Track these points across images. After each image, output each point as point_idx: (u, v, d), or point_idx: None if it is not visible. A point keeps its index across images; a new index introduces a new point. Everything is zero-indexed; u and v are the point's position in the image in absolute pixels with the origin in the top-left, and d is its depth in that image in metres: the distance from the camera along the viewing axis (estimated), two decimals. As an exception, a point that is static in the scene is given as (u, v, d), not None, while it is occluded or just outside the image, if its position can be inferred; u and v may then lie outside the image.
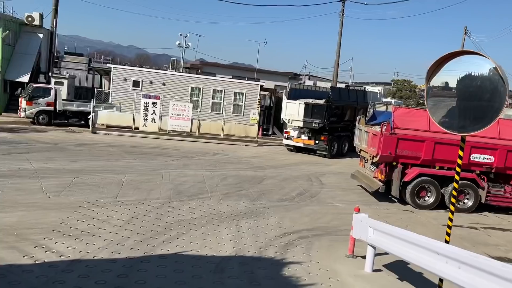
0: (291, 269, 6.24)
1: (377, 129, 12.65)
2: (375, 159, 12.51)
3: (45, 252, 6.06)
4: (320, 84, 59.41)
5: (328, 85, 53.96)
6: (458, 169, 5.87)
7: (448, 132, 5.60)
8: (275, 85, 42.13)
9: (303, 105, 20.10)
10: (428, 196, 12.44)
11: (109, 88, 26.41)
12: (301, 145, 20.75)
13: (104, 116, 21.61)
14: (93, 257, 6.02)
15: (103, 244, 6.61)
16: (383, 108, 15.34)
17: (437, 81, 5.63)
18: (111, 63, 35.81)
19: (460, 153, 5.76)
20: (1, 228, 6.92)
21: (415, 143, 12.02)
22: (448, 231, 5.64)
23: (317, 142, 20.16)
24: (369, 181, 13.17)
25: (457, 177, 5.99)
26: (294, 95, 21.18)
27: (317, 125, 19.58)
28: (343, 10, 30.87)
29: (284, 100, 21.01)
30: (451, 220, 5.84)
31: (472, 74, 4.92)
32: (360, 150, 14.12)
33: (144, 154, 16.39)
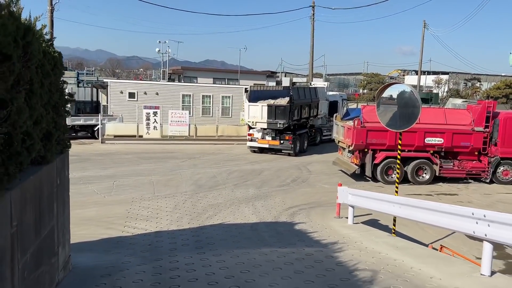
0: (299, 226, 9.31)
1: (350, 123, 15.82)
2: (351, 148, 15.71)
3: (133, 229, 8.94)
4: (296, 79, 62.74)
5: (303, 80, 57.27)
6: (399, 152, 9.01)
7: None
8: (254, 84, 45.18)
9: (266, 107, 20.33)
10: (394, 174, 15.70)
11: (107, 101, 28.88)
12: (266, 146, 20.95)
13: (111, 128, 24.20)
14: (167, 229, 8.93)
15: (167, 222, 9.52)
16: (354, 106, 18.57)
17: (385, 94, 8.77)
18: (85, 71, 37.81)
19: (400, 141, 8.87)
20: (89, 218, 9.73)
21: (381, 133, 15.18)
22: (396, 190, 8.78)
23: (282, 142, 20.48)
24: (347, 166, 16.37)
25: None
26: (254, 97, 21.33)
27: (282, 126, 19.90)
28: (313, 15, 34.04)
29: (246, 103, 21.30)
30: (397, 188, 8.99)
31: (403, 92, 8.07)
32: (338, 141, 17.29)
33: (156, 158, 19.17)
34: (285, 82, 58.32)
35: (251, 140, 21.38)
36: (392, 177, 15.63)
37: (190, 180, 14.67)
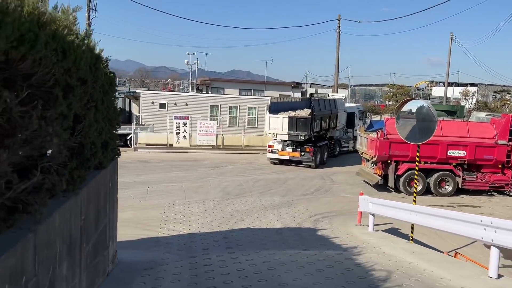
0: (321, 232, 9.88)
1: (374, 135, 16.28)
2: (374, 159, 16.15)
3: (168, 230, 9.72)
4: (321, 90, 63.17)
5: (329, 91, 57.66)
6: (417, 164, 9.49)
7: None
8: (279, 95, 45.90)
9: (287, 119, 20.21)
10: (417, 185, 16.00)
11: (139, 111, 30.19)
12: (287, 157, 20.88)
13: (143, 136, 25.35)
14: (199, 231, 9.67)
15: (199, 225, 10.26)
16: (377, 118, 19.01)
17: (404, 109, 9.31)
18: (116, 81, 39.28)
19: (418, 154, 9.35)
20: (127, 220, 10.57)
21: (404, 145, 15.49)
22: (414, 200, 9.24)
23: (303, 154, 20.38)
24: (370, 176, 16.80)
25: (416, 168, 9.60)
26: (274, 108, 21.22)
27: (303, 138, 19.76)
28: (339, 27, 34.63)
29: (266, 115, 21.09)
30: (415, 197, 9.46)
31: (421, 107, 8.60)
32: (362, 152, 17.74)
33: (186, 166, 20.07)
34: (310, 92, 58.85)
35: (271, 152, 21.33)
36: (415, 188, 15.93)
37: (218, 187, 15.43)
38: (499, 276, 5.79)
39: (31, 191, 3.12)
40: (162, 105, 29.54)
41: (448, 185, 16.08)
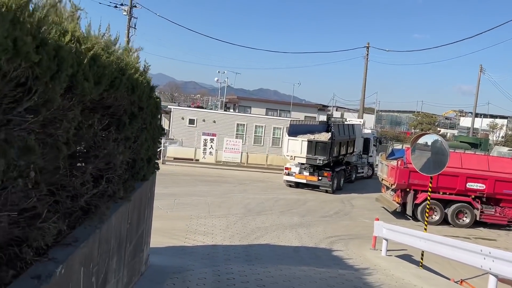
0: (336, 252, 10.44)
1: (394, 163, 16.75)
2: (393, 186, 16.59)
3: (193, 241, 10.49)
4: (347, 115, 63.55)
5: (355, 115, 57.97)
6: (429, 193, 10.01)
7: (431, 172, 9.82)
8: (305, 116, 46.54)
9: (306, 142, 20.01)
10: (435, 215, 16.35)
11: (169, 126, 31.46)
12: (304, 181, 20.60)
13: (172, 150, 26.48)
14: (222, 244, 10.40)
15: (221, 238, 11.00)
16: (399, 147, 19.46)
17: (420, 141, 9.90)
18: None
19: (430, 184, 9.87)
20: (155, 229, 11.34)
21: (423, 174, 16.00)
22: (425, 228, 9.73)
23: (320, 178, 20.14)
24: (389, 203, 17.20)
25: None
26: (293, 131, 20.89)
27: (321, 162, 19.55)
28: (367, 55, 35.34)
29: (286, 137, 20.95)
30: (426, 226, 9.95)
31: (436, 140, 9.19)
32: (382, 179, 18.19)
33: (211, 181, 20.93)
34: (336, 116, 59.34)
35: (288, 174, 21.03)
36: (432, 217, 16.26)
37: (240, 204, 16.16)
38: (497, 303, 6.27)
39: (99, 196, 3.97)
40: (191, 121, 30.73)
41: (466, 217, 16.31)
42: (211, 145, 26.37)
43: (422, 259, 9.42)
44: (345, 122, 25.29)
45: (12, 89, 1.83)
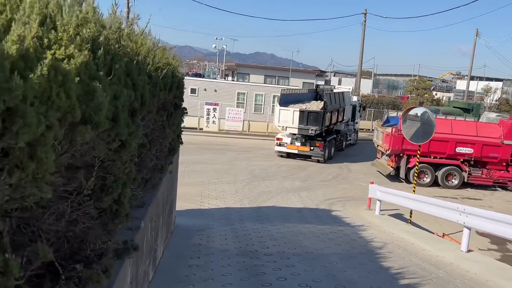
0: (335, 212, 11.78)
1: (389, 130, 17.91)
2: (388, 152, 17.83)
3: (208, 204, 11.78)
4: (344, 80, 64.08)
5: (352, 81, 58.55)
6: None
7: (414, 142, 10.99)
8: (303, 83, 47.25)
9: (298, 112, 19.67)
10: (426, 177, 17.69)
11: (171, 95, 32.33)
12: (296, 151, 20.50)
13: (176, 120, 27.51)
14: (234, 206, 11.70)
15: (232, 202, 12.29)
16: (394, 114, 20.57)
17: (411, 113, 11.02)
18: None
19: (419, 152, 11.06)
20: (173, 195, 12.66)
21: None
22: (414, 189, 11.01)
23: (312, 148, 20.06)
24: (384, 168, 18.50)
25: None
26: (285, 100, 20.60)
27: (314, 132, 19.36)
28: (365, 21, 35.76)
29: (277, 107, 20.46)
30: (414, 187, 11.21)
31: (424, 112, 10.32)
32: (377, 145, 19.41)
33: (216, 149, 22.13)
34: (334, 81, 59.99)
35: (280, 145, 20.79)
36: (424, 180, 17.61)
37: (246, 170, 17.43)
38: (469, 250, 7.58)
39: (152, 170, 5.11)
40: (193, 90, 31.51)
41: (454, 179, 17.66)
42: (214, 114, 27.42)
43: (411, 217, 10.75)
44: (334, 90, 24.94)
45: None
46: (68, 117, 1.36)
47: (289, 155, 21.01)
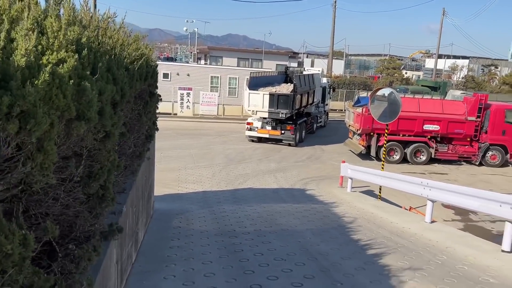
0: (309, 191, 12.23)
1: (359, 110, 18.45)
2: (359, 131, 18.39)
3: (186, 188, 12.02)
4: (317, 61, 64.50)
5: (325, 62, 59.00)
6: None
7: (382, 121, 11.47)
8: (277, 64, 47.43)
9: (268, 95, 19.26)
10: (396, 155, 18.38)
11: (144, 81, 32.00)
12: (267, 136, 20.23)
13: (150, 106, 27.35)
14: (211, 189, 11.98)
15: (210, 185, 12.56)
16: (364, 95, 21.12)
17: (379, 93, 11.46)
18: None
19: (386, 131, 11.56)
20: (150, 180, 12.83)
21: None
22: (382, 166, 11.53)
23: (283, 132, 19.85)
24: (355, 147, 19.10)
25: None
26: (254, 83, 20.03)
27: (284, 116, 19.06)
28: (335, 2, 36.02)
29: (246, 91, 19.93)
30: (383, 165, 11.73)
31: (391, 93, 10.77)
32: (349, 125, 19.97)
33: (191, 134, 22.24)
34: (307, 63, 60.34)
35: (250, 130, 20.48)
36: (393, 157, 18.29)
37: (222, 154, 17.68)
38: (432, 221, 8.13)
39: (131, 156, 5.32)
40: (165, 75, 31.23)
41: (422, 155, 18.43)
42: (188, 99, 27.39)
43: (380, 192, 11.30)
44: (304, 72, 24.53)
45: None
46: (65, 115, 1.59)
47: (260, 140, 20.80)
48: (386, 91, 11.16)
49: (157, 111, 7.65)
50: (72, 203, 2.44)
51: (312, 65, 55.55)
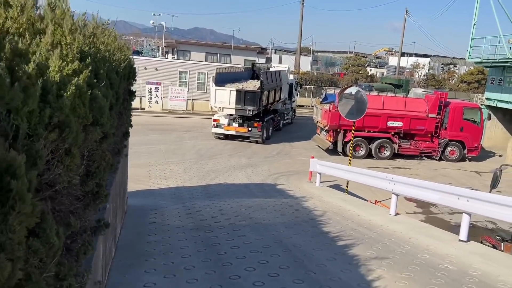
0: (280, 186, 12.58)
1: (327, 107, 18.97)
2: (326, 127, 18.92)
3: (158, 184, 12.08)
4: (285, 57, 65.07)
5: (292, 58, 59.58)
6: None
7: (349, 118, 11.94)
8: (245, 60, 47.56)
9: (235, 92, 18.93)
10: (361, 150, 19.04)
11: (110, 75, 31.43)
12: (233, 133, 20.05)
13: (117, 101, 26.95)
14: (183, 185, 12.10)
15: (182, 181, 12.67)
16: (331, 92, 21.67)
17: (347, 91, 11.91)
18: None
19: (353, 128, 12.05)
20: (121, 176, 12.81)
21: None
22: (349, 162, 12.02)
23: (250, 129, 19.66)
24: (323, 142, 19.64)
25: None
26: (221, 79, 19.81)
27: (251, 113, 18.76)
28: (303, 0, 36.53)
29: (212, 87, 19.55)
30: (350, 160, 12.23)
31: (358, 91, 11.23)
32: (317, 121, 20.48)
33: (161, 130, 22.14)
34: (275, 59, 60.82)
35: (217, 127, 20.28)
36: (359, 152, 18.95)
37: (192, 150, 17.77)
38: (396, 214, 8.63)
39: (113, 154, 5.42)
40: (133, 70, 30.87)
41: (386, 151, 19.19)
42: (156, 94, 27.16)
43: (347, 187, 11.78)
44: (271, 69, 24.44)
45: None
46: (84, 121, 1.77)
47: (227, 137, 20.61)
48: (353, 90, 11.63)
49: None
50: (72, 201, 2.60)
51: (280, 61, 56.12)
